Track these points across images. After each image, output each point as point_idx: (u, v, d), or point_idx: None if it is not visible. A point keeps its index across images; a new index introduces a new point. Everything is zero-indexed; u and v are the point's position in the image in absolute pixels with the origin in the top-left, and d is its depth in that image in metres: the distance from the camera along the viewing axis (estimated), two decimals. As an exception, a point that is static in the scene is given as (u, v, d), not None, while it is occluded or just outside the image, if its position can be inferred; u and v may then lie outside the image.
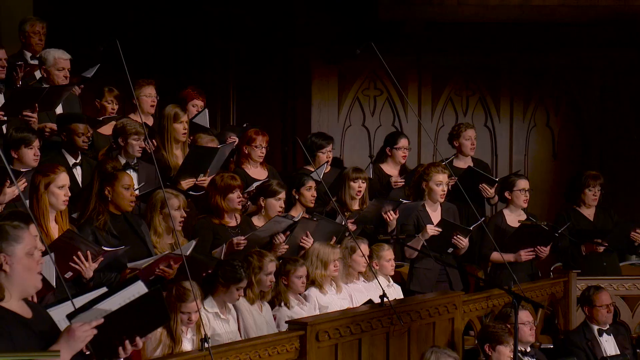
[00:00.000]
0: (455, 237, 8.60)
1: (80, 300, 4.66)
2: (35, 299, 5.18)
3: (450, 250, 8.70)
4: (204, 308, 6.76)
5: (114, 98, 9.41)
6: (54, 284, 5.86)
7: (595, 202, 9.70)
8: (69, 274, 6.35)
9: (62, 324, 4.42)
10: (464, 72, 12.31)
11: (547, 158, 12.56)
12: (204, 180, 8.23)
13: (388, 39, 11.07)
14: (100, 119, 8.98)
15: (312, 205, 8.56)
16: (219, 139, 9.10)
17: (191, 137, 8.88)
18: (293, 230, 7.86)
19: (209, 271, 6.99)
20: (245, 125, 9.41)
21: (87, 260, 6.35)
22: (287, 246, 7.80)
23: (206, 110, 9.61)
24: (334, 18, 11.57)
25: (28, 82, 9.07)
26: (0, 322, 4.17)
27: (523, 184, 9.29)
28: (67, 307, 4.53)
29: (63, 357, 4.20)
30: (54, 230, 6.57)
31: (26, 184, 6.77)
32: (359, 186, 8.76)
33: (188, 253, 6.78)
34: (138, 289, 4.56)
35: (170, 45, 11.88)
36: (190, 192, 8.21)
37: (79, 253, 6.32)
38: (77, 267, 6.33)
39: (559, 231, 9.19)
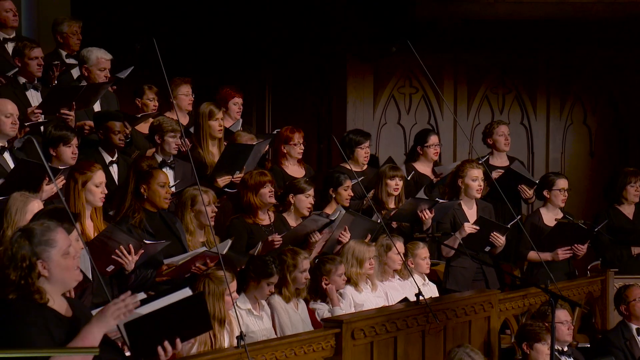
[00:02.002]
0: (492, 235, 8.57)
1: None
2: (72, 294, 5.21)
3: (487, 248, 8.66)
4: (237, 305, 6.78)
5: (155, 95, 9.44)
6: (90, 276, 5.90)
7: (637, 199, 9.64)
8: (110, 268, 6.39)
9: None
10: (500, 69, 12.25)
11: (584, 156, 12.47)
12: (240, 177, 8.25)
13: (424, 36, 11.04)
14: (139, 115, 9.03)
15: (347, 204, 8.58)
16: None
17: (226, 143, 8.90)
18: (330, 228, 7.87)
19: (242, 267, 7.03)
20: (275, 132, 9.42)
21: (129, 253, 6.40)
22: (319, 237, 7.82)
23: (240, 121, 9.64)
24: (370, 16, 11.55)
25: (65, 81, 9.13)
26: (46, 322, 4.19)
27: (562, 183, 9.23)
28: None
29: (95, 335, 4.22)
30: (89, 228, 6.63)
31: (64, 181, 6.83)
32: (395, 184, 8.77)
33: (224, 252, 6.80)
34: (185, 295, 4.55)
35: (206, 44, 11.92)
36: (227, 190, 8.24)
37: (121, 247, 6.37)
38: (119, 260, 6.38)
39: (596, 229, 9.13)
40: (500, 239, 8.60)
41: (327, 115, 11.98)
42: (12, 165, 7.28)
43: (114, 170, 8.11)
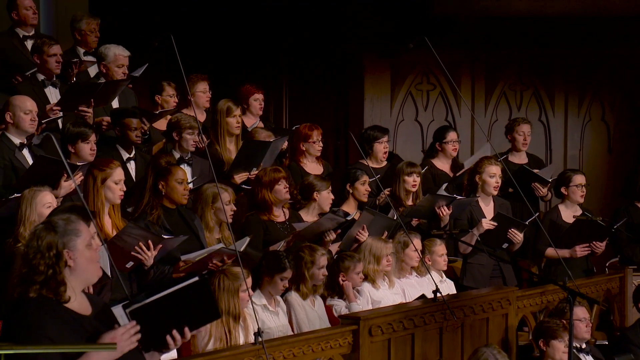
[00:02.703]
0: (510, 231, 8.55)
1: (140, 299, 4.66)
2: (91, 290, 5.22)
3: (505, 245, 8.64)
4: (252, 301, 6.79)
5: (174, 92, 9.45)
6: (109, 273, 5.92)
7: None
8: (129, 264, 6.41)
9: (121, 320, 4.43)
10: (518, 66, 12.20)
11: (603, 153, 12.41)
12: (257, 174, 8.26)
13: (441, 33, 11.00)
14: (157, 112, 9.04)
15: (365, 200, 8.59)
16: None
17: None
18: (347, 228, 7.87)
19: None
20: (294, 128, 9.42)
21: (148, 249, 6.42)
22: (334, 236, 7.81)
23: (258, 121, 9.64)
24: (388, 12, 11.52)
25: (82, 78, 9.15)
26: (61, 331, 4.16)
27: (579, 179, 9.20)
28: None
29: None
30: (108, 224, 6.66)
31: (82, 177, 6.85)
32: (413, 180, 8.78)
33: (242, 249, 6.82)
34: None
35: (222, 41, 11.92)
36: (243, 186, 8.25)
37: (140, 243, 6.38)
38: (139, 256, 6.40)
39: (615, 226, 9.10)
40: (518, 236, 8.57)
41: (344, 111, 11.97)
42: (30, 161, 7.32)
43: (132, 167, 8.13)
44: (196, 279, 4.58)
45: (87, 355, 4.18)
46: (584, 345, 7.74)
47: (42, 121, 7.86)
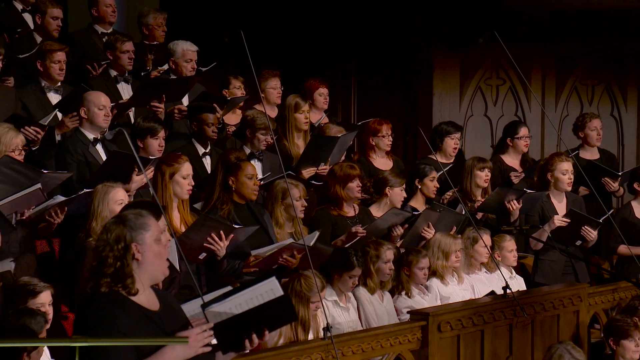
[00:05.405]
0: (584, 229, 8.43)
1: (209, 297, 4.69)
2: (160, 285, 5.26)
3: (578, 242, 8.52)
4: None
5: (241, 84, 9.49)
6: (177, 267, 5.98)
7: None
8: (202, 255, 6.47)
9: (192, 316, 4.46)
10: (590, 60, 12.04)
11: (677, 148, 12.20)
12: (325, 169, 8.27)
13: (511, 27, 10.91)
14: (229, 98, 9.08)
15: (433, 196, 8.54)
16: None
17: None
18: (412, 223, 7.84)
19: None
20: (360, 123, 9.40)
21: (220, 240, 6.46)
22: (402, 231, 7.78)
23: (323, 115, 9.65)
24: (457, 7, 11.46)
25: (152, 72, 9.25)
26: (132, 327, 4.20)
27: (655, 176, 9.06)
28: (198, 303, 4.57)
29: (173, 358, 4.25)
30: (176, 219, 6.71)
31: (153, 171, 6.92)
32: (485, 175, 8.73)
33: (311, 244, 6.83)
34: (271, 285, 4.55)
35: (291, 36, 11.95)
36: (311, 182, 8.26)
37: (212, 234, 6.43)
38: (211, 247, 6.45)
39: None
40: (592, 233, 8.45)
41: (413, 107, 11.92)
42: (103, 156, 7.41)
43: (207, 162, 8.19)
44: (279, 295, 4.55)
45: (161, 352, 4.23)
46: (658, 344, 7.61)
47: (113, 104, 7.94)
